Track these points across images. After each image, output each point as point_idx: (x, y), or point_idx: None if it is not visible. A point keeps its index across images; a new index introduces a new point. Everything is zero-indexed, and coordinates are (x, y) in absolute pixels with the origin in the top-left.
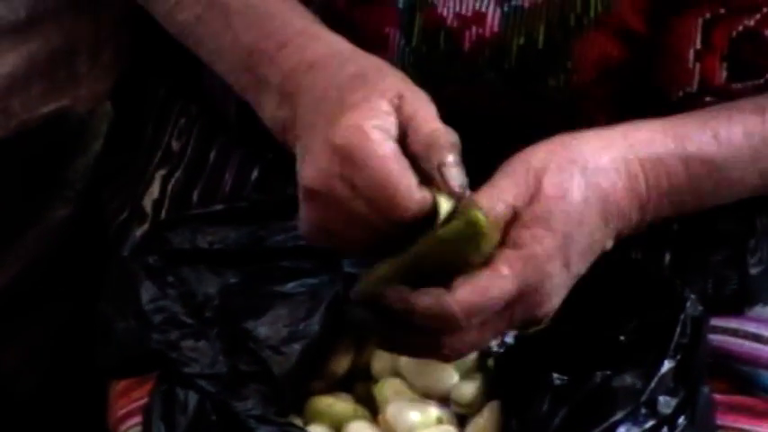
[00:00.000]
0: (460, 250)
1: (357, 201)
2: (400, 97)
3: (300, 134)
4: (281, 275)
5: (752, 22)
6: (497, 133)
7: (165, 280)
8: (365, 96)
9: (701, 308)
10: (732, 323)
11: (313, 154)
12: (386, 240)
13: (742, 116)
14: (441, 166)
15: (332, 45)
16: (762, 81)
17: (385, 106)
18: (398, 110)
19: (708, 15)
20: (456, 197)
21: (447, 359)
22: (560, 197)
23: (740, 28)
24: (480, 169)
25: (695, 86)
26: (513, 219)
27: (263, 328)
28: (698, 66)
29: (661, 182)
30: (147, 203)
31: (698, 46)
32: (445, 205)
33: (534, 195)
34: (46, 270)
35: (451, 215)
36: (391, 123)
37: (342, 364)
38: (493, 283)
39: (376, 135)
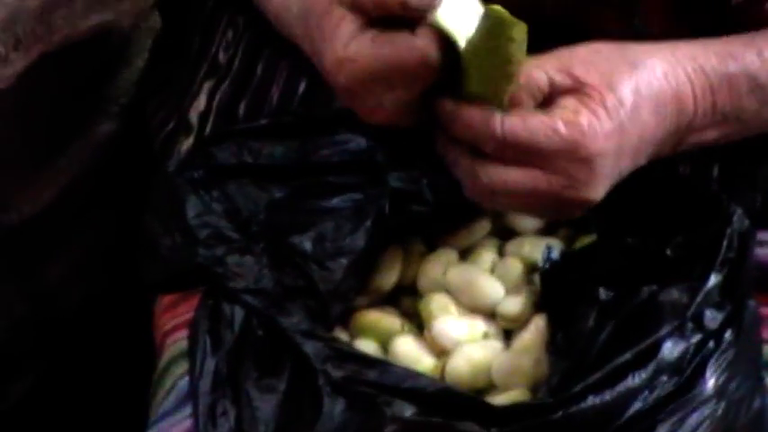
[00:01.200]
0: (497, 51)
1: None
2: None
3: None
4: (327, 190)
5: None
6: (554, 32)
7: (211, 195)
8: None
9: (747, 222)
10: None
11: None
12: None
13: None
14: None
15: None
16: None
17: None
18: None
19: None
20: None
21: (483, 194)
22: (610, 85)
23: None
24: None
25: None
26: (568, 89)
27: (309, 243)
28: None
29: (706, 95)
30: (194, 115)
31: None
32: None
33: (584, 76)
34: (92, 184)
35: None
36: None
37: (388, 279)
38: (544, 127)
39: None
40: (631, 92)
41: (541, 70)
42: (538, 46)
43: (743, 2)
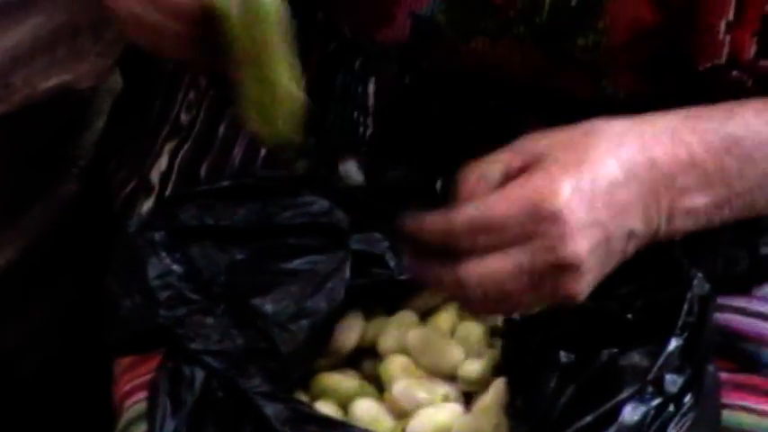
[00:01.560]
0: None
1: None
2: None
3: None
4: (288, 252)
5: None
6: (520, 94)
7: (172, 256)
8: None
9: (708, 286)
10: (739, 302)
11: None
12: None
13: (758, 104)
14: None
15: None
16: None
17: None
18: None
19: None
20: None
21: (476, 298)
22: (564, 148)
23: None
24: (500, 133)
25: (723, 59)
26: (522, 165)
27: (270, 305)
28: (728, 38)
29: (680, 150)
30: (155, 176)
31: (730, 18)
32: None
33: (535, 146)
34: (52, 246)
35: None
36: None
37: (348, 341)
38: (500, 200)
39: None
40: (588, 149)
41: (495, 161)
42: (507, 110)
43: (710, 68)
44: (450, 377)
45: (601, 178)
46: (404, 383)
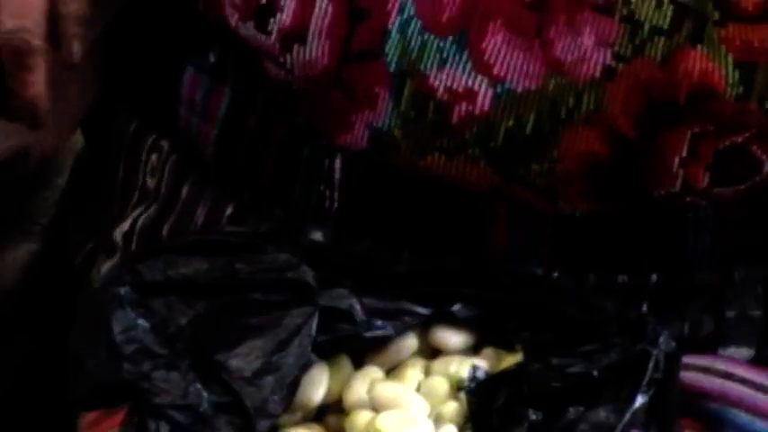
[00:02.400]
0: None
1: None
2: None
3: None
4: (255, 307)
5: (740, 139)
6: (477, 207)
7: (137, 311)
8: None
9: (673, 343)
10: (704, 361)
11: None
12: None
13: None
14: None
15: None
16: (743, 187)
17: None
18: None
19: (697, 130)
20: None
21: None
22: None
23: (727, 143)
24: (457, 238)
25: (678, 188)
26: None
27: (236, 360)
28: (682, 171)
29: None
30: (118, 235)
31: (684, 154)
32: None
33: None
34: (11, 305)
35: None
36: None
37: (314, 395)
38: None
39: None
40: None
41: None
42: (464, 216)
43: (665, 195)
44: None
45: None
46: None
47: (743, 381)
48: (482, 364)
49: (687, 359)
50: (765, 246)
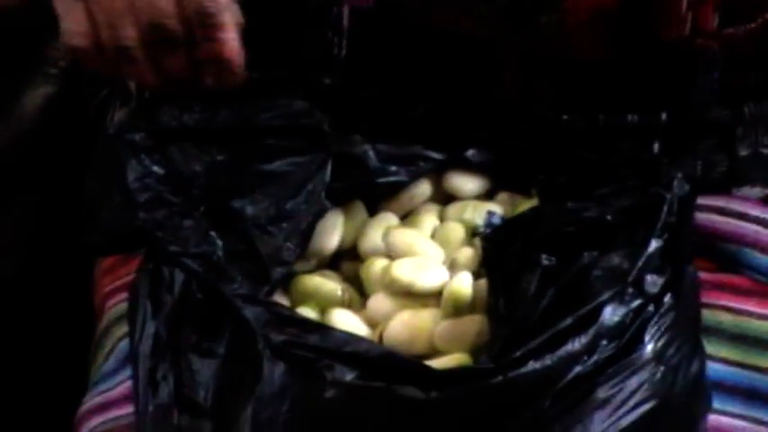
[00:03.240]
0: None
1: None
2: None
3: None
4: (269, 154)
5: None
6: (486, 54)
7: (152, 158)
8: None
9: (687, 187)
10: (719, 201)
11: None
12: None
13: None
14: None
15: None
16: (753, 26)
17: None
18: None
19: None
20: None
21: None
22: None
23: None
24: (467, 85)
25: (688, 31)
26: None
27: (250, 207)
28: (690, 15)
29: None
30: (133, 83)
31: None
32: None
33: None
34: (30, 147)
35: None
36: None
37: (329, 243)
38: None
39: None
40: None
41: None
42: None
43: (675, 39)
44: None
45: None
46: (380, 296)
47: (757, 220)
48: (497, 209)
49: (701, 200)
50: None
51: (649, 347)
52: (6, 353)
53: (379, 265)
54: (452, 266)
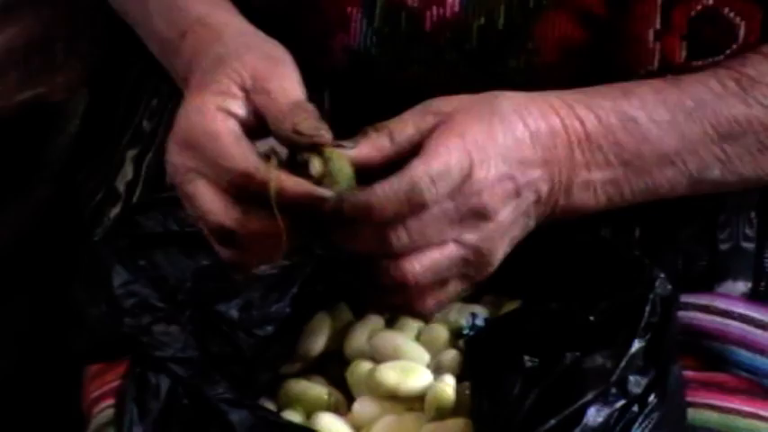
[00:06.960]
0: None
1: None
2: (255, 77)
3: None
4: None
5: (710, 1)
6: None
7: (137, 264)
8: (214, 78)
9: (670, 287)
10: (702, 299)
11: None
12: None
13: (657, 84)
14: (296, 125)
15: (224, 32)
16: (721, 57)
17: (231, 87)
18: (250, 89)
19: None
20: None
21: (419, 296)
22: (470, 109)
23: (699, 7)
24: None
25: (656, 65)
26: (433, 126)
27: (235, 311)
28: (658, 45)
29: (575, 125)
30: (121, 185)
31: (657, 27)
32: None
33: (444, 106)
34: (25, 250)
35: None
36: (235, 103)
37: (315, 345)
38: (404, 174)
39: (215, 115)
40: (495, 109)
41: (404, 123)
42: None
43: (645, 74)
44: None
45: (510, 133)
46: (365, 400)
47: (742, 318)
48: (481, 311)
49: (685, 298)
50: None
51: None
52: None
53: (364, 368)
54: (437, 369)
